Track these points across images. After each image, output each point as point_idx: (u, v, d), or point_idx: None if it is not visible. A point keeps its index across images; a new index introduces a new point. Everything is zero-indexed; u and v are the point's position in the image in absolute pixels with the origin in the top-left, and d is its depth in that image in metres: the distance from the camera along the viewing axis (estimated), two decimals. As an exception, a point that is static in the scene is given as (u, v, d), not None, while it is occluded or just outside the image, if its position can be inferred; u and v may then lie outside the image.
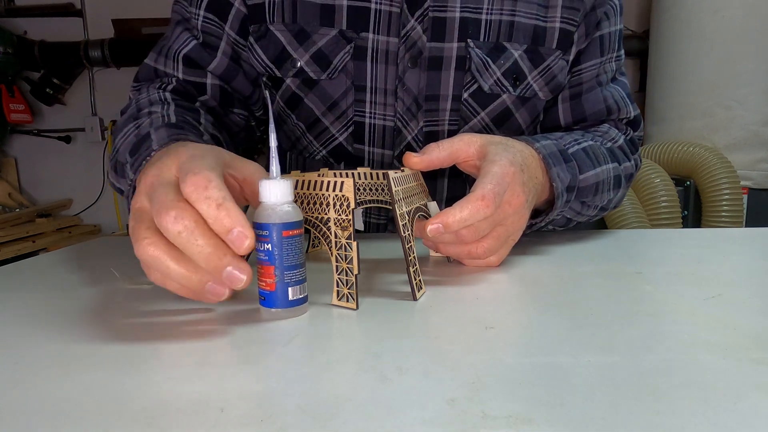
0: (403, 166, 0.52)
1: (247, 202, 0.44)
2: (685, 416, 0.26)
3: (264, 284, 0.39)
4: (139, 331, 0.38)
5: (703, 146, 1.86)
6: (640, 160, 0.75)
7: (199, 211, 0.35)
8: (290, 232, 0.38)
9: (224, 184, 0.36)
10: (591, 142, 0.65)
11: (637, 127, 0.75)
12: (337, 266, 0.42)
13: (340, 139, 0.70)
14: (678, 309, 0.41)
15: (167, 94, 0.65)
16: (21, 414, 0.27)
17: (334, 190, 0.42)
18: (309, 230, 0.45)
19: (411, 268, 0.44)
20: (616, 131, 0.72)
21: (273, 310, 0.40)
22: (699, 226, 1.87)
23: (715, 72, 1.90)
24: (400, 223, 0.45)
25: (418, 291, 0.44)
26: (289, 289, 0.39)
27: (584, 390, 0.28)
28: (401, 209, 0.46)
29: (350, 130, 0.69)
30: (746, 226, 1.81)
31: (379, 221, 0.75)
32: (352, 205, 0.42)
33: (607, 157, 0.65)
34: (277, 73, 0.67)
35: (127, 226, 0.46)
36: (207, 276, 0.36)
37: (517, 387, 0.29)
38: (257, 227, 0.38)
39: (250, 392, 0.29)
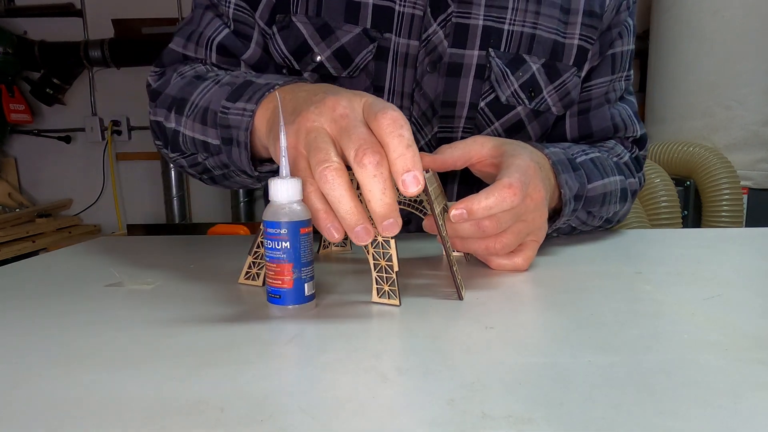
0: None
1: None
2: (685, 416, 0.26)
3: (280, 282, 0.40)
4: (139, 331, 0.38)
5: (703, 146, 1.86)
6: (644, 179, 0.75)
7: (389, 144, 0.37)
8: (305, 230, 0.39)
9: None
10: (598, 154, 0.65)
11: (643, 146, 0.75)
12: (375, 264, 0.42)
13: None
14: (678, 309, 0.41)
15: (212, 68, 0.65)
16: (21, 414, 0.27)
17: None
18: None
19: (454, 267, 0.44)
20: (622, 148, 0.72)
21: (289, 307, 0.40)
22: (699, 226, 1.87)
23: (715, 72, 1.90)
24: (439, 223, 0.45)
25: (462, 290, 0.44)
26: (305, 285, 0.40)
27: (584, 390, 0.28)
28: (438, 209, 0.46)
29: None
30: (746, 226, 1.81)
31: None
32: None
33: (614, 170, 0.65)
34: (296, 66, 0.66)
35: (221, 142, 0.52)
36: (363, 219, 0.38)
37: (517, 387, 0.29)
38: (273, 226, 0.39)
39: (250, 392, 0.29)
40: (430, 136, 0.68)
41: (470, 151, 0.53)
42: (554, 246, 0.63)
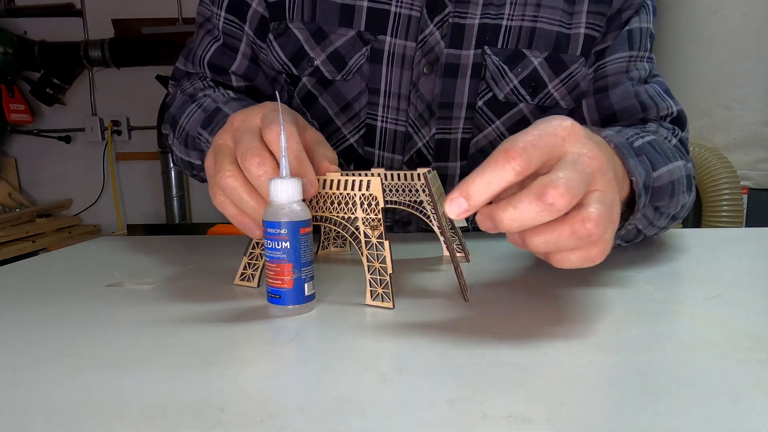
0: (413, 169, 0.51)
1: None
2: (685, 416, 0.26)
3: (280, 282, 0.40)
4: (139, 331, 0.38)
5: (703, 146, 1.86)
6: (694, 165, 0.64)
7: (278, 157, 0.41)
8: (305, 230, 0.40)
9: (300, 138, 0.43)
10: (654, 136, 0.55)
11: (684, 125, 0.67)
12: (369, 266, 0.42)
13: (351, 140, 0.69)
14: (678, 309, 0.41)
15: (211, 82, 0.71)
16: (21, 414, 0.27)
17: (360, 189, 0.42)
18: (317, 231, 0.45)
19: (459, 269, 0.44)
20: (665, 131, 0.64)
21: (289, 307, 0.40)
22: (699, 226, 1.87)
23: (715, 72, 1.90)
24: (443, 222, 0.45)
25: (466, 291, 0.44)
26: (305, 285, 0.40)
27: (584, 390, 0.28)
28: (441, 209, 0.45)
29: (362, 132, 0.69)
30: (746, 226, 1.81)
31: (385, 223, 0.75)
32: (381, 204, 0.42)
33: (675, 153, 0.55)
34: (294, 71, 0.67)
35: (202, 162, 0.61)
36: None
37: (517, 387, 0.29)
38: (273, 226, 0.39)
39: (250, 392, 0.29)
40: (428, 138, 0.68)
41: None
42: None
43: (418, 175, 0.49)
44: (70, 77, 2.62)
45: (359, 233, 0.42)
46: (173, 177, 2.62)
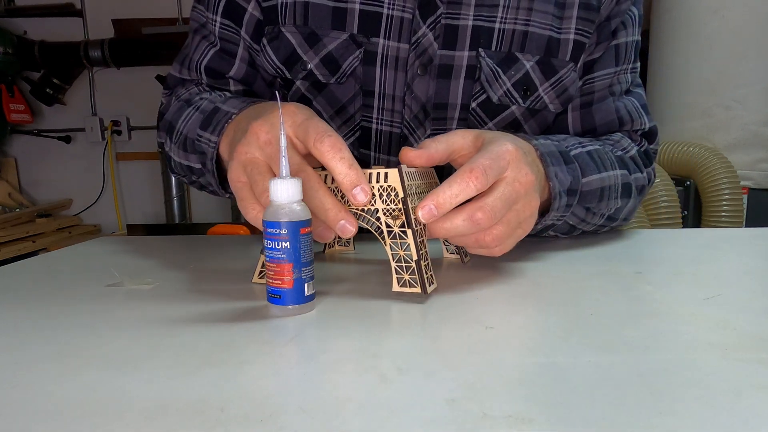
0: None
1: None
2: (685, 416, 0.26)
3: (280, 282, 0.40)
4: (139, 331, 0.38)
5: (703, 146, 1.86)
6: (654, 175, 0.72)
7: (332, 167, 0.42)
8: (305, 230, 0.40)
9: None
10: (597, 147, 0.62)
11: (653, 139, 0.72)
12: (393, 254, 0.43)
13: (347, 143, 0.69)
14: (678, 309, 0.41)
15: (207, 88, 0.70)
16: (21, 414, 0.27)
17: (378, 181, 0.43)
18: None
19: (423, 262, 0.44)
20: (629, 141, 0.70)
21: (289, 307, 0.40)
22: (699, 226, 1.87)
23: (715, 72, 1.90)
24: (412, 217, 0.45)
25: (429, 286, 0.44)
26: (305, 285, 0.40)
27: (584, 390, 0.28)
28: (413, 203, 0.45)
29: (357, 135, 0.69)
30: (746, 226, 1.82)
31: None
32: (401, 194, 0.43)
33: (615, 163, 0.63)
34: (287, 75, 0.67)
35: (201, 165, 0.59)
36: (317, 222, 0.43)
37: (517, 387, 0.29)
38: (273, 226, 0.39)
39: (250, 392, 0.29)
40: (423, 139, 0.68)
41: (453, 143, 0.49)
42: (555, 245, 0.63)
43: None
44: (70, 77, 2.62)
45: (380, 223, 0.43)
46: (173, 177, 2.63)
